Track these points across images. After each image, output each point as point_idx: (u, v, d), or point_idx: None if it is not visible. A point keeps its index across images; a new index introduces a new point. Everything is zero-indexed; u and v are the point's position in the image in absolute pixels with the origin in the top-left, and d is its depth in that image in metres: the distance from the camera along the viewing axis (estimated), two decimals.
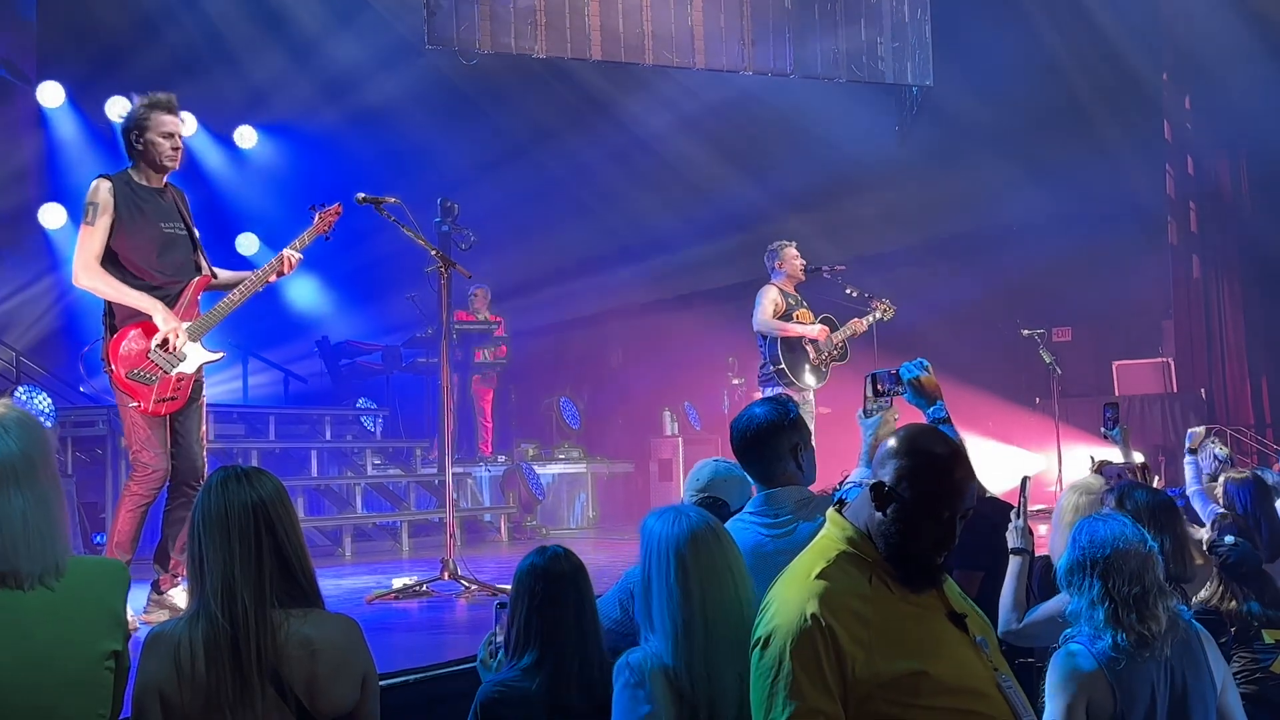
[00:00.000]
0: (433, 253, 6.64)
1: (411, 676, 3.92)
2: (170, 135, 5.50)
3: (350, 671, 2.81)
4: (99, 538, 8.79)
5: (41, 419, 8.50)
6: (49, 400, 8.91)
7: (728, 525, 3.51)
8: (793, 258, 8.77)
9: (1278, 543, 5.72)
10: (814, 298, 9.02)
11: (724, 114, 13.53)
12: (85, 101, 12.00)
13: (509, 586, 5.99)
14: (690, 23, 12.24)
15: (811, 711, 2.47)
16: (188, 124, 12.69)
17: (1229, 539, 5.00)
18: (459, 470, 10.50)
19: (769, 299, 8.58)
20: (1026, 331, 11.63)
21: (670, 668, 2.88)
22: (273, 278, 5.77)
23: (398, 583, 6.39)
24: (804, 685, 2.48)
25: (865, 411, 4.27)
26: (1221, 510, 5.65)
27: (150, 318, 5.35)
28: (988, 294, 13.66)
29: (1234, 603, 4.88)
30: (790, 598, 2.58)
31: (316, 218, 6.03)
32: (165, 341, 5.35)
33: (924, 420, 3.93)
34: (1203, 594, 4.82)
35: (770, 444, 3.70)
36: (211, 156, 13.05)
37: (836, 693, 2.48)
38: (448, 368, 6.93)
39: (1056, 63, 13.84)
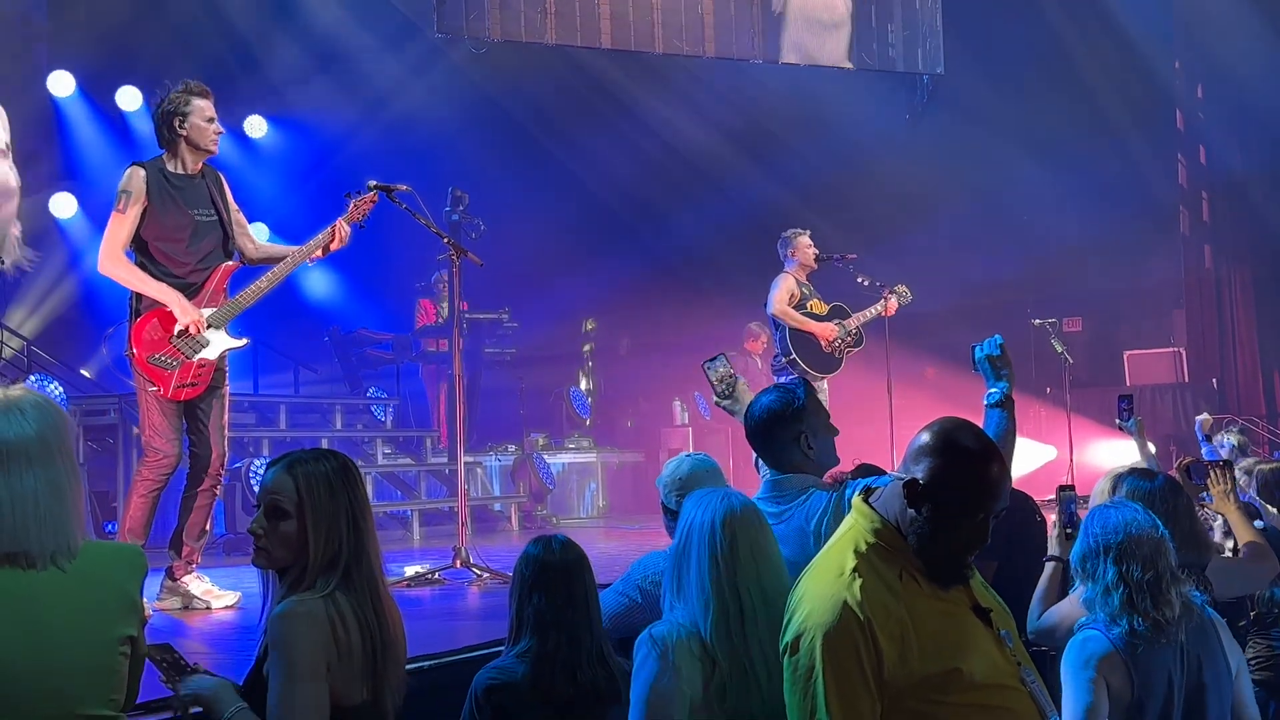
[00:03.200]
0: (444, 240, 6.62)
1: (425, 663, 3.93)
2: (212, 120, 5.60)
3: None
4: (110, 526, 8.79)
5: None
6: (60, 388, 8.92)
7: None
8: (805, 246, 8.75)
9: None
10: (825, 287, 9.00)
11: (734, 102, 13.49)
12: (96, 90, 12.00)
13: None
14: (701, 10, 12.22)
15: (856, 714, 2.42)
16: None
17: (1258, 523, 4.99)
18: (469, 460, 10.51)
19: (784, 287, 8.56)
20: (1037, 321, 11.57)
21: (702, 637, 2.91)
22: (319, 252, 5.79)
23: (410, 570, 6.39)
24: (845, 685, 2.42)
25: (718, 395, 4.30)
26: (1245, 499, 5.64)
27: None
28: (998, 283, 13.61)
29: None
30: (823, 593, 2.52)
31: (351, 205, 6.04)
32: (185, 329, 5.40)
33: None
34: None
35: (775, 432, 3.71)
36: (221, 146, 13.00)
37: (875, 691, 2.44)
38: (459, 357, 6.92)
39: (1068, 51, 13.79)
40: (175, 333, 5.39)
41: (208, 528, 5.78)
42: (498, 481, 11.23)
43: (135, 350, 5.40)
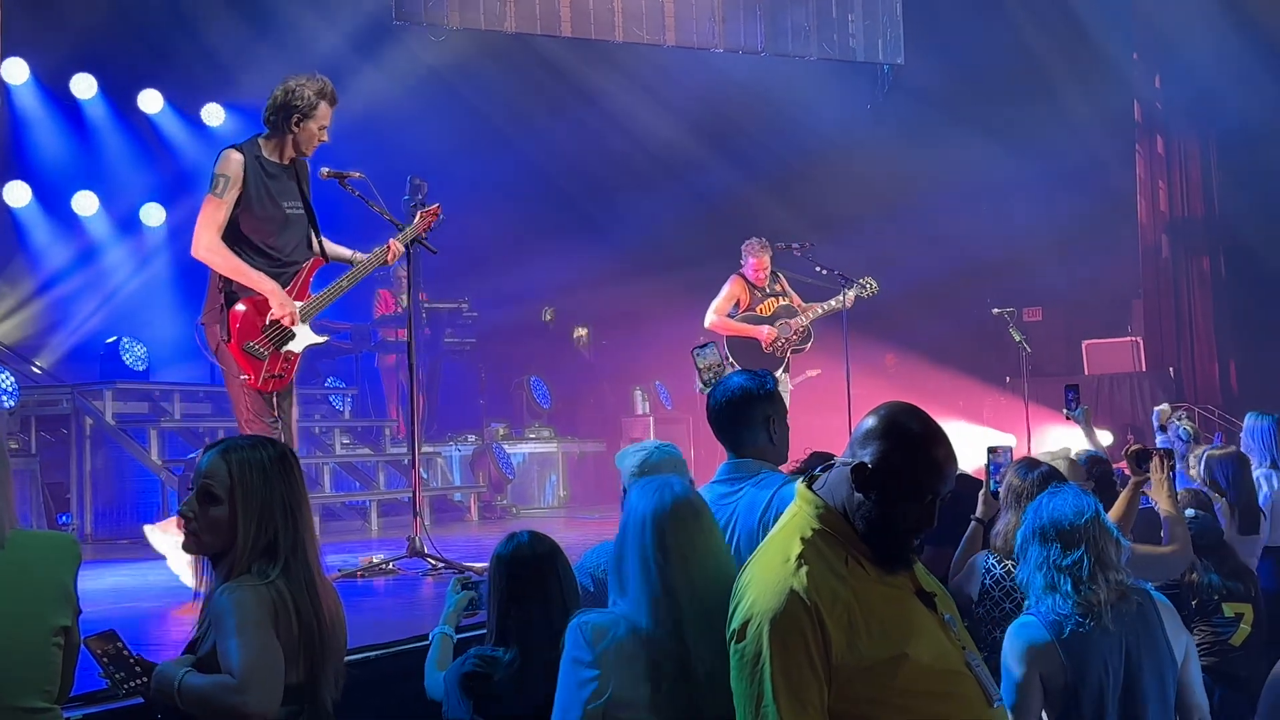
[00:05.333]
0: (399, 228, 6.56)
1: (374, 653, 3.90)
2: (324, 128, 5.63)
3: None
4: (65, 518, 8.71)
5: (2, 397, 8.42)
6: (11, 379, 8.80)
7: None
8: (756, 266, 8.73)
9: (1253, 517, 5.82)
10: (785, 276, 8.99)
11: (695, 92, 13.48)
12: (50, 78, 11.83)
13: (477, 565, 6.01)
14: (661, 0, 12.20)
15: (803, 702, 2.41)
16: (155, 102, 12.55)
17: (1190, 512, 5.05)
18: (429, 450, 10.46)
19: (726, 294, 8.68)
20: (997, 310, 11.64)
21: (644, 632, 2.86)
22: (376, 265, 5.94)
23: (364, 560, 6.35)
24: (792, 672, 2.41)
25: (703, 383, 4.42)
26: (1195, 487, 5.72)
27: (263, 296, 5.45)
28: (959, 273, 13.68)
29: (1194, 574, 4.93)
30: (769, 579, 2.50)
31: (417, 217, 6.17)
32: (278, 320, 5.46)
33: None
34: None
35: (743, 411, 3.71)
36: (179, 134, 12.88)
37: (823, 676, 2.42)
38: (413, 346, 6.87)
39: (1027, 42, 13.87)
40: (268, 322, 5.44)
41: None
42: (458, 471, 11.18)
43: (231, 337, 5.42)
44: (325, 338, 5.85)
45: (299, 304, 5.56)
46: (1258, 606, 5.04)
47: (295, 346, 5.57)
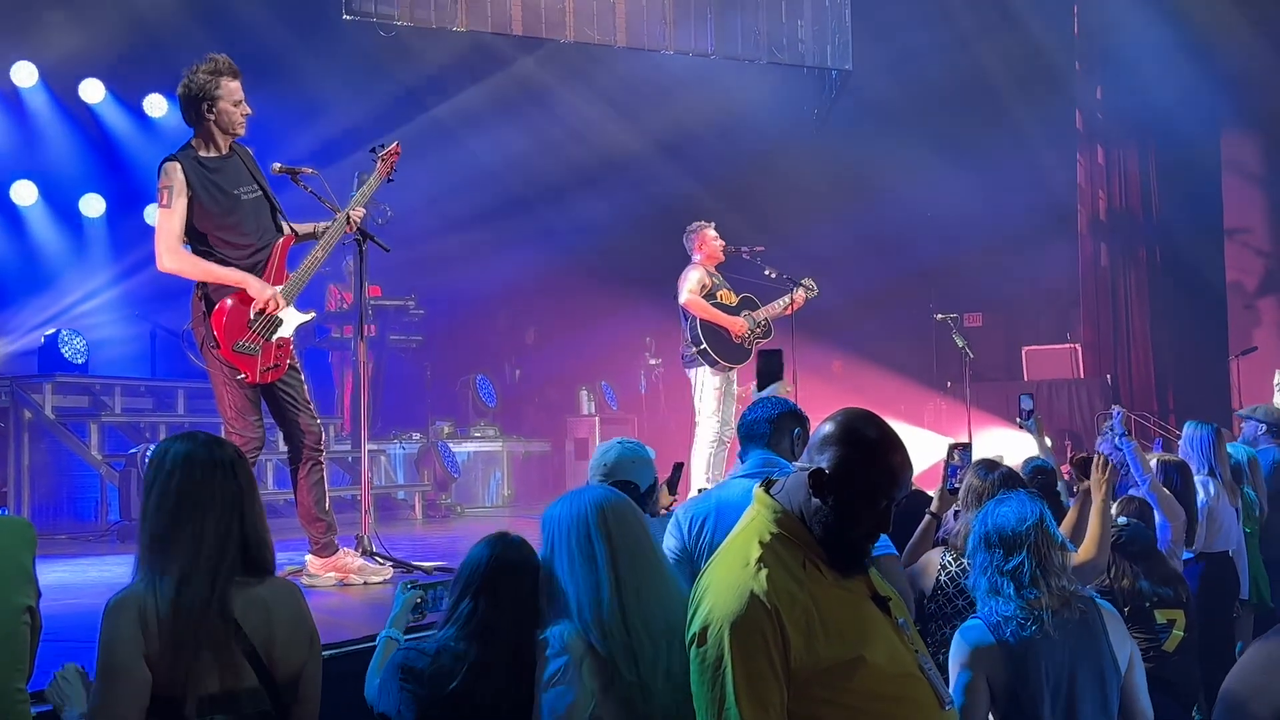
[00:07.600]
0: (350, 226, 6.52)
1: (325, 653, 3.85)
2: (239, 102, 5.53)
3: (302, 632, 2.92)
4: (1, 512, 8.57)
5: None
6: None
7: (728, 482, 4.02)
8: (711, 238, 8.78)
9: (1191, 526, 5.93)
10: (733, 279, 9.04)
11: (644, 93, 13.49)
12: None
13: (426, 564, 5.98)
14: (613, 0, 12.20)
15: (765, 704, 2.43)
16: (96, 91, 12.37)
17: (1122, 519, 5.14)
18: (373, 447, 10.37)
19: (694, 278, 8.61)
20: (939, 316, 11.73)
21: (592, 644, 2.87)
22: (340, 234, 5.93)
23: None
24: (754, 675, 2.43)
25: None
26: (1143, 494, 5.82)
27: (243, 289, 5.41)
28: (902, 278, 13.81)
29: (1126, 581, 5.01)
30: (729, 583, 2.53)
31: (378, 161, 6.18)
32: (263, 309, 5.41)
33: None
34: None
35: (784, 421, 4.08)
36: (120, 125, 12.71)
37: (783, 680, 2.45)
38: (364, 343, 6.84)
39: (973, 50, 14.01)
40: (252, 316, 5.40)
41: (328, 505, 5.84)
42: (401, 469, 11.12)
43: (219, 342, 5.38)
44: (312, 314, 5.82)
45: (278, 287, 5.53)
46: (1189, 612, 5.12)
47: (285, 331, 5.56)
